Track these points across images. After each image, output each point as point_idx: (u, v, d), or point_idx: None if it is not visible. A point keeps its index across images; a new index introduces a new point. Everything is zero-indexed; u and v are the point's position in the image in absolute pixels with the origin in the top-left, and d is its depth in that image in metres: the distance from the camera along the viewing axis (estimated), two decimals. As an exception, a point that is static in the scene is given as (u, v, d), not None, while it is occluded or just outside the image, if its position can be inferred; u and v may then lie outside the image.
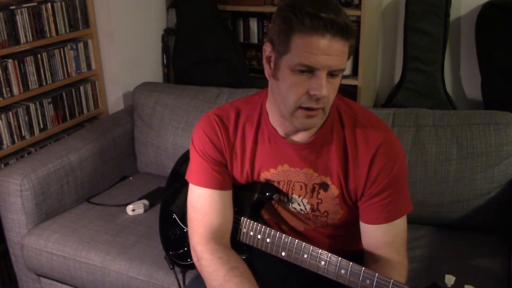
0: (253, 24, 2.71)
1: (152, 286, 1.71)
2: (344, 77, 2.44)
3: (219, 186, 1.31)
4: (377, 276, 1.12)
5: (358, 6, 2.36)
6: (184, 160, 1.65)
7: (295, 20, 1.08)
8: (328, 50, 1.06)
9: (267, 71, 1.19)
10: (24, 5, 2.13)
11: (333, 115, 1.25)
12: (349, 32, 1.08)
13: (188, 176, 1.36)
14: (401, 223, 1.25)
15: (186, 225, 1.52)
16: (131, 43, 2.54)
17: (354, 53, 2.46)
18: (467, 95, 2.55)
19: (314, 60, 1.07)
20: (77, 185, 2.12)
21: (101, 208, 2.08)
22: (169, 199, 1.67)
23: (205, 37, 2.61)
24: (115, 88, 2.55)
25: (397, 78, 2.56)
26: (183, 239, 1.54)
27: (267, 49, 1.16)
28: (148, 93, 2.38)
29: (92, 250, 1.83)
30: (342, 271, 1.16)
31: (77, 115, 2.46)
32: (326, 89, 1.09)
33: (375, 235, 1.25)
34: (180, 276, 1.63)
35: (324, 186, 1.27)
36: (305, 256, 1.21)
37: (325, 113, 1.17)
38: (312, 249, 1.21)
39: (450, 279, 1.05)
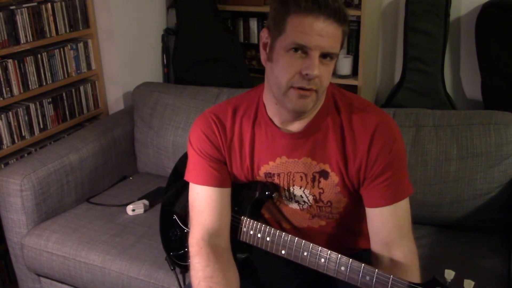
0: (253, 24, 2.71)
1: (152, 286, 1.71)
2: (344, 77, 2.44)
3: (216, 183, 1.31)
4: (377, 272, 1.12)
5: (358, 6, 2.36)
6: (184, 160, 1.65)
7: (291, 2, 1.12)
8: (321, 31, 1.10)
9: (263, 57, 1.22)
10: (24, 5, 2.13)
11: (328, 101, 1.27)
12: (342, 16, 1.11)
13: (186, 176, 1.37)
14: (404, 204, 1.25)
15: (186, 225, 1.52)
16: (131, 43, 2.54)
17: (354, 53, 2.47)
18: (467, 95, 2.54)
19: (308, 39, 1.10)
20: (77, 185, 2.12)
21: (101, 208, 2.08)
22: (169, 200, 1.67)
23: (205, 37, 2.61)
24: (115, 88, 2.56)
25: (397, 78, 2.56)
26: (184, 239, 1.54)
27: (264, 35, 1.21)
28: (148, 93, 2.38)
29: (92, 250, 1.83)
30: (342, 268, 1.16)
31: (77, 115, 2.46)
32: (318, 69, 1.12)
33: (381, 219, 1.25)
34: (180, 277, 1.63)
35: (324, 174, 1.28)
36: (305, 253, 1.21)
37: (318, 96, 1.18)
38: (312, 247, 1.21)
39: (449, 274, 1.05)
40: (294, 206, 1.35)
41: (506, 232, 1.81)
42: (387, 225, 1.25)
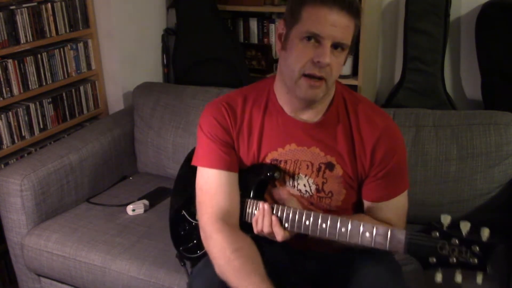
0: (253, 24, 2.71)
1: (152, 286, 1.71)
2: (344, 77, 2.44)
3: (226, 167, 1.35)
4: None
5: (358, 6, 2.36)
6: (189, 159, 1.66)
7: None
8: (334, 22, 1.18)
9: (278, 46, 1.30)
10: (24, 5, 2.13)
11: (338, 100, 1.36)
12: (354, 10, 1.20)
13: (195, 161, 1.41)
14: (402, 198, 1.37)
15: (194, 218, 1.55)
16: (131, 43, 2.54)
17: (354, 53, 2.47)
18: (467, 95, 2.55)
19: (321, 28, 1.18)
20: (77, 185, 2.12)
21: (101, 208, 2.08)
22: (177, 198, 1.70)
23: (205, 37, 2.61)
24: (115, 88, 2.55)
25: (397, 78, 2.56)
26: (192, 232, 1.56)
27: (280, 26, 1.29)
28: (148, 93, 2.38)
29: (92, 250, 1.83)
30: (343, 230, 1.20)
31: (77, 115, 2.46)
32: (329, 58, 1.19)
33: (377, 211, 1.36)
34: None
35: (330, 166, 1.34)
36: (307, 223, 1.24)
37: (328, 86, 1.25)
38: (313, 215, 1.24)
39: (446, 219, 1.08)
40: (295, 193, 1.38)
41: (506, 232, 1.81)
42: (381, 217, 1.35)
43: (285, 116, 1.35)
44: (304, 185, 1.36)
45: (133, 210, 2.02)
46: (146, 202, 2.06)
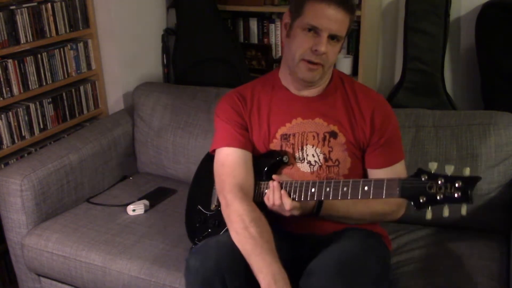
0: (253, 24, 2.71)
1: (153, 285, 1.71)
2: (344, 77, 2.44)
3: (242, 145, 1.53)
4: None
5: (358, 6, 2.36)
6: (204, 162, 1.78)
7: None
8: (331, 16, 1.37)
9: (283, 34, 1.52)
10: (24, 5, 2.13)
11: (336, 80, 1.56)
12: (349, 6, 1.40)
13: (214, 145, 1.57)
14: (400, 166, 1.53)
15: (209, 210, 1.63)
16: (131, 43, 2.54)
17: (354, 53, 2.47)
18: (467, 95, 2.55)
19: (319, 22, 1.38)
20: (77, 185, 2.12)
21: (101, 208, 2.08)
22: (193, 195, 1.78)
23: (205, 37, 2.61)
24: (115, 88, 2.55)
25: (397, 78, 2.56)
26: (207, 221, 1.64)
27: (286, 17, 1.49)
28: (148, 93, 2.38)
29: (92, 249, 1.83)
30: (345, 189, 1.31)
31: (77, 115, 2.46)
32: (325, 47, 1.39)
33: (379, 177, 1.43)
34: None
35: (334, 134, 1.51)
36: (313, 190, 1.37)
37: (324, 70, 1.46)
38: (318, 183, 1.36)
39: (433, 165, 1.18)
40: (306, 168, 1.52)
41: (506, 232, 1.81)
42: None
43: (289, 94, 1.55)
44: (313, 155, 1.51)
45: (134, 210, 2.02)
46: (146, 202, 2.06)
